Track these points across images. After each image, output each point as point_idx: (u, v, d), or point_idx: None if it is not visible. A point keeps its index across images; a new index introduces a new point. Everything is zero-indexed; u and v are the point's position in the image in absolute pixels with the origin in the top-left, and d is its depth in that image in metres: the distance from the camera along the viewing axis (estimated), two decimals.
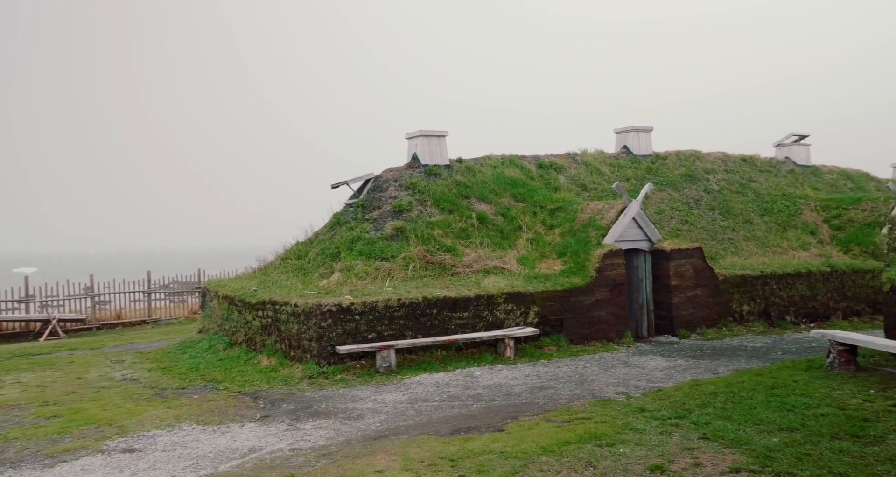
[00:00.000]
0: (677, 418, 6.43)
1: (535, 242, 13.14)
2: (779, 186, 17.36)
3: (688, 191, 16.16)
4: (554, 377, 9.01)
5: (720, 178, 17.07)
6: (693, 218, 15.29)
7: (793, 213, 16.38)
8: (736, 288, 13.18)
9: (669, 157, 17.15)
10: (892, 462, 4.79)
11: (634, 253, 12.92)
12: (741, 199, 16.53)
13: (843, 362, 7.97)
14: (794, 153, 19.09)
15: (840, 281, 14.03)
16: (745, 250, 14.76)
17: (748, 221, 15.80)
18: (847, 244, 15.25)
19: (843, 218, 15.97)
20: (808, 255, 14.70)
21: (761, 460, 5.07)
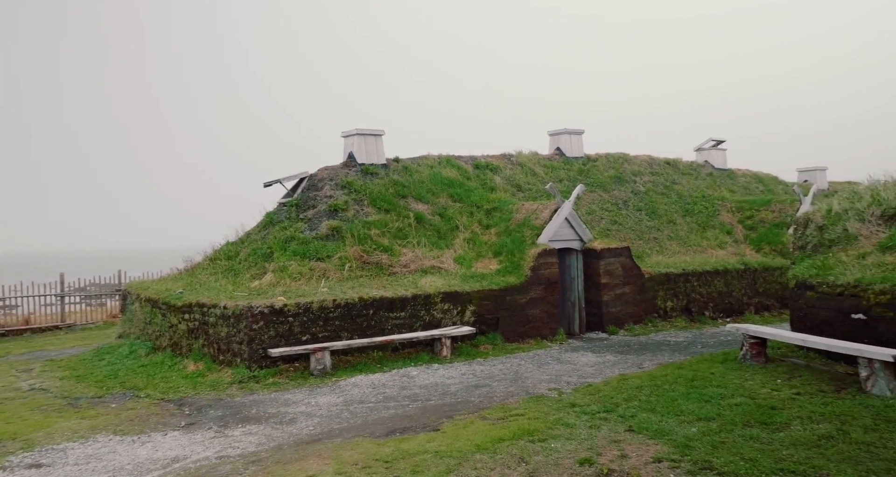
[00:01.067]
0: (606, 412, 6.66)
1: (472, 242, 13.27)
2: (699, 188, 18.35)
3: (617, 192, 16.80)
4: (489, 375, 9.12)
5: (646, 180, 17.85)
6: (621, 218, 15.90)
7: (711, 213, 17.36)
8: (661, 285, 13.81)
9: (600, 160, 17.78)
10: (795, 447, 5.16)
11: (567, 252, 13.29)
12: (665, 200, 17.35)
13: (754, 354, 8.50)
14: (712, 157, 20.24)
15: (753, 278, 14.98)
16: (668, 249, 15.50)
17: (672, 222, 16.60)
18: (759, 243, 16.32)
19: (756, 218, 17.09)
20: (725, 253, 15.61)
21: (681, 450, 5.32)
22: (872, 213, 8.77)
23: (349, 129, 14.42)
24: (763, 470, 4.75)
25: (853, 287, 7.72)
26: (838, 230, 9.12)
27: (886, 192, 8.89)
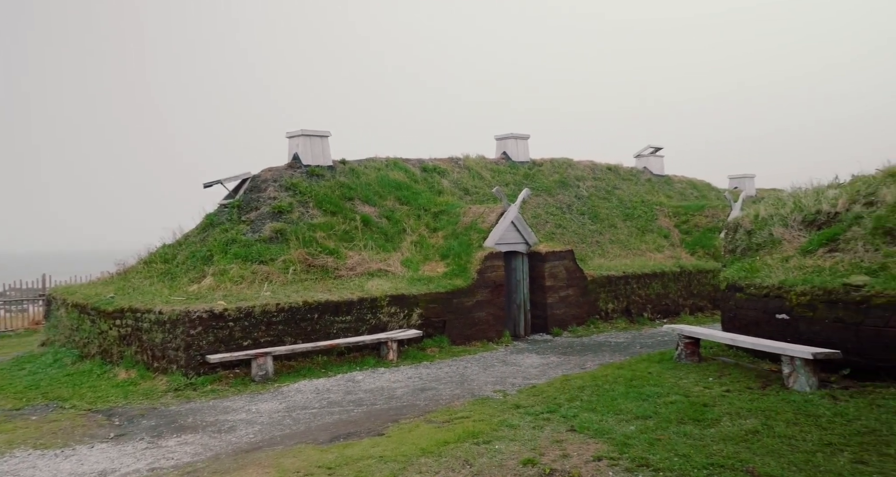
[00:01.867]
0: (549, 413, 6.78)
1: (419, 245, 13.27)
2: (638, 194, 19.03)
3: (561, 196, 17.19)
4: (436, 378, 9.13)
5: (589, 184, 18.36)
6: (566, 222, 16.28)
7: (650, 218, 18.03)
8: (602, 288, 14.22)
9: (545, 164, 18.15)
10: (724, 442, 5.41)
11: (513, 255, 13.49)
12: (607, 204, 17.89)
13: (688, 354, 8.87)
14: (650, 163, 21.04)
15: (688, 280, 15.65)
16: (610, 252, 15.98)
17: (613, 226, 17.13)
18: (693, 247, 17.07)
19: (691, 223, 17.88)
20: (662, 256, 16.24)
21: (620, 448, 5.48)
22: (794, 218, 9.33)
23: (294, 130, 14.15)
24: (695, 465, 4.95)
25: (777, 289, 8.17)
26: (765, 235, 9.64)
27: (807, 199, 9.47)
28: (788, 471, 4.66)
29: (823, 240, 8.42)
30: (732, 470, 4.78)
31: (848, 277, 7.32)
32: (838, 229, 8.33)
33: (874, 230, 7.76)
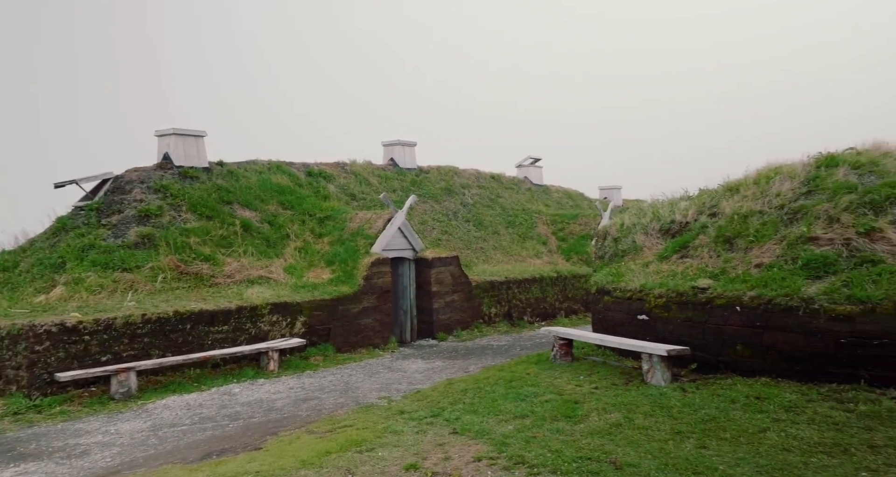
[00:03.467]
0: (432, 417, 6.88)
1: (304, 251, 12.90)
2: (520, 202, 19.95)
3: (447, 203, 17.57)
4: (319, 387, 8.91)
5: (474, 192, 18.94)
6: (451, 228, 16.66)
7: (530, 225, 18.97)
8: (486, 292, 14.71)
9: (432, 172, 18.46)
10: (592, 436, 5.82)
11: (400, 261, 13.55)
12: (491, 212, 18.56)
13: (563, 354, 9.43)
14: (530, 173, 22.17)
15: (564, 284, 16.65)
16: (493, 258, 16.58)
17: (496, 233, 17.81)
18: (569, 253, 18.21)
19: (566, 231, 19.06)
20: (541, 262, 17.14)
21: (499, 447, 5.69)
22: (653, 227, 10.28)
23: (164, 129, 13.17)
24: (566, 459, 5.26)
25: (639, 291, 8.94)
26: (629, 242, 10.51)
27: (663, 209, 10.48)
28: (645, 459, 5.11)
29: (676, 247, 9.35)
30: (598, 462, 5.14)
31: (695, 281, 8.19)
32: (688, 237, 9.29)
33: (716, 238, 8.76)
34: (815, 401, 6.17)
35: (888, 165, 8.02)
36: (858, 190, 7.77)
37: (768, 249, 7.95)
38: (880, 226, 7.25)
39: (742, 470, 4.73)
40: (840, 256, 7.22)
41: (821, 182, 8.24)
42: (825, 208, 7.80)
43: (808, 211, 7.96)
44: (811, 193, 8.23)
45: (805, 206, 8.07)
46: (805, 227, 7.78)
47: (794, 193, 8.41)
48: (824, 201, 7.92)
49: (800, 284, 7.11)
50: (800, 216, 8.02)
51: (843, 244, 7.34)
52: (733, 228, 8.66)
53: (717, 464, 4.88)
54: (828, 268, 7.16)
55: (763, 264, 7.79)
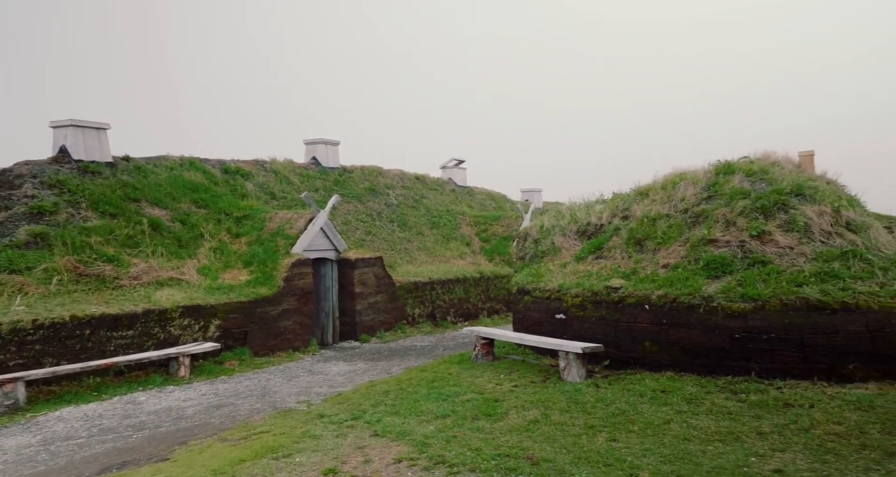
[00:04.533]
0: (353, 420, 6.78)
1: (220, 251, 12.35)
2: (444, 203, 20.11)
3: (371, 204, 17.41)
4: (234, 393, 8.55)
5: (398, 193, 18.89)
6: (375, 229, 16.52)
7: (454, 226, 19.16)
8: (410, 293, 14.69)
9: (355, 171, 18.23)
10: (511, 433, 5.95)
11: (322, 262, 13.26)
12: (415, 213, 18.58)
13: (484, 354, 9.59)
14: (455, 175, 22.40)
15: (486, 285, 16.93)
16: (417, 259, 16.60)
17: (420, 233, 17.84)
18: (491, 254, 18.55)
19: (489, 232, 19.42)
20: (464, 263, 17.35)
21: (420, 448, 5.70)
22: (571, 229, 10.66)
23: (61, 120, 12.18)
24: (485, 457, 5.34)
25: (557, 291, 9.25)
26: (548, 243, 10.85)
27: (580, 212, 10.90)
28: (560, 453, 5.28)
29: (592, 248, 9.75)
30: (516, 458, 5.26)
31: (609, 281, 8.58)
32: (603, 239, 9.72)
33: (628, 240, 9.22)
34: (712, 393, 6.62)
35: (776, 174, 8.76)
36: (751, 196, 8.44)
37: (674, 251, 8.46)
38: (769, 229, 7.91)
39: (648, 460, 5.00)
40: (736, 258, 7.80)
41: (719, 188, 8.87)
42: (723, 212, 8.41)
43: (709, 215, 8.55)
44: (711, 198, 8.84)
45: (706, 210, 8.66)
46: (706, 230, 8.34)
47: (696, 198, 9.00)
48: (722, 206, 8.54)
49: (701, 284, 7.61)
50: (701, 220, 8.60)
51: (738, 246, 7.94)
52: (643, 231, 9.14)
53: (625, 456, 5.12)
54: (725, 268, 7.71)
55: (669, 265, 8.28)
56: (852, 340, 6.61)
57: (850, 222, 7.94)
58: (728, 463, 4.83)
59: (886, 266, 7.20)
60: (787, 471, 4.63)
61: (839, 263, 7.30)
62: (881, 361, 6.53)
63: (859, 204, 8.68)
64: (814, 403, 6.04)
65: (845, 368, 6.60)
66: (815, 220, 7.86)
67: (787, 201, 8.18)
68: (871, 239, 7.73)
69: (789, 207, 8.12)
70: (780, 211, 8.12)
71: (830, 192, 8.38)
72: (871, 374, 6.53)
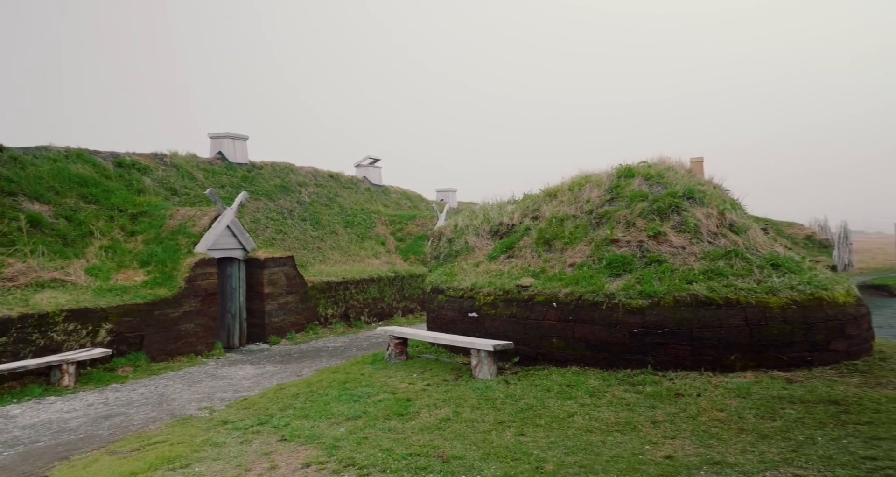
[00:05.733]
0: (259, 425, 6.51)
1: (112, 251, 11.46)
2: (359, 202, 19.85)
3: (282, 201, 16.84)
4: (126, 402, 7.95)
5: (311, 191, 18.41)
6: (287, 228, 16.00)
7: (369, 225, 18.96)
8: (322, 293, 14.36)
9: (265, 168, 17.57)
10: (422, 432, 5.95)
11: (228, 261, 12.66)
12: (329, 211, 18.19)
13: (398, 353, 9.54)
14: (370, 173, 22.19)
15: (401, 284, 16.90)
16: (331, 259, 16.27)
17: (334, 232, 17.50)
18: (406, 253, 18.54)
19: (404, 231, 19.39)
20: (379, 262, 17.21)
21: (329, 451, 5.56)
22: (484, 229, 10.86)
23: None
24: (396, 457, 5.30)
25: (470, 290, 9.38)
26: (462, 243, 10.98)
27: (493, 212, 11.13)
28: (470, 450, 5.35)
29: (504, 248, 9.98)
30: (427, 457, 5.26)
31: (519, 279, 8.82)
32: (514, 239, 9.97)
33: (538, 240, 9.52)
34: (613, 385, 6.97)
35: (670, 178, 9.39)
36: (649, 198, 8.98)
37: (580, 250, 8.83)
38: (664, 230, 8.46)
39: (553, 453, 5.17)
40: (635, 257, 8.27)
41: (621, 191, 9.37)
42: (624, 214, 8.89)
43: (611, 216, 9.01)
44: (614, 200, 9.31)
45: (609, 211, 9.12)
46: (609, 231, 8.78)
47: (600, 200, 9.45)
48: (623, 208, 9.02)
49: (604, 282, 8.00)
50: (605, 220, 9.04)
51: (637, 246, 8.42)
52: (552, 231, 9.47)
53: (532, 449, 5.27)
54: (626, 267, 8.15)
55: (575, 264, 8.63)
56: (734, 333, 7.20)
57: (732, 224, 8.66)
58: (625, 452, 5.10)
59: (762, 264, 7.91)
60: (676, 456, 4.96)
61: (723, 261, 7.93)
62: (757, 352, 7.17)
63: (740, 207, 9.49)
64: (701, 392, 6.51)
65: (728, 359, 7.17)
66: (703, 222, 8.50)
67: (680, 204, 8.78)
68: (749, 239, 8.47)
69: (682, 210, 8.72)
70: (674, 213, 8.70)
71: (716, 196, 9.10)
72: (748, 364, 7.14)
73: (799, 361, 7.18)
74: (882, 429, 5.28)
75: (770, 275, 7.72)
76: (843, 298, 7.64)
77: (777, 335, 7.20)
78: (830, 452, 4.84)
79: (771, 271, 7.80)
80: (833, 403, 6.01)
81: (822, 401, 6.07)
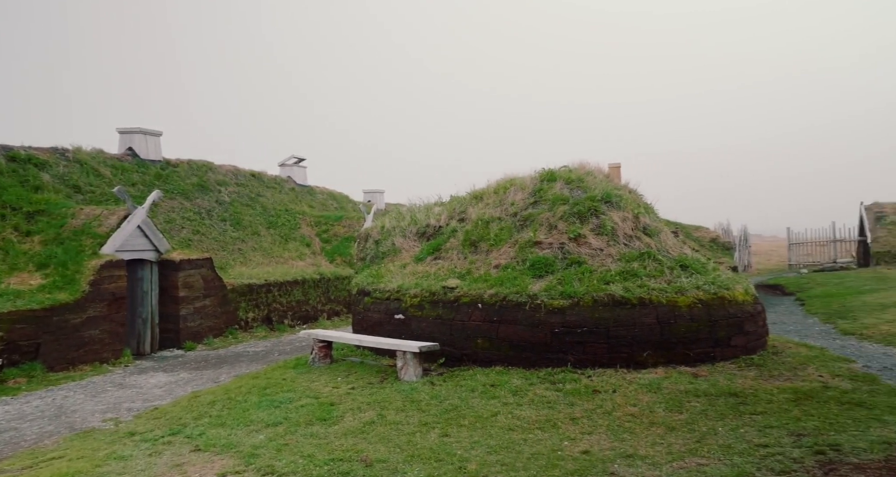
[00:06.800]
0: (171, 435, 6.17)
1: (4, 252, 10.52)
2: (282, 202, 19.29)
3: (200, 201, 16.08)
4: (18, 416, 7.30)
5: (231, 190, 17.70)
6: (205, 228, 15.29)
7: (293, 226, 18.47)
8: (243, 296, 13.83)
9: (181, 165, 16.71)
10: (346, 436, 5.85)
11: (140, 264, 11.94)
12: (251, 211, 17.56)
13: (322, 357, 9.34)
14: (294, 173, 21.63)
15: (327, 286, 16.57)
16: (252, 260, 15.70)
17: (256, 233, 16.90)
18: (333, 255, 18.21)
19: (331, 232, 19.05)
20: (304, 264, 16.80)
21: (247, 459, 5.35)
22: (411, 230, 10.85)
23: None
24: (318, 463, 5.18)
25: (396, 292, 9.33)
26: (389, 244, 10.92)
27: (420, 213, 11.14)
28: (394, 453, 5.31)
29: (431, 249, 10.01)
30: (350, 461, 5.18)
31: (445, 281, 8.87)
32: (441, 240, 10.03)
33: (464, 242, 9.63)
34: (535, 384, 7.15)
35: (590, 182, 9.78)
36: (570, 202, 9.31)
37: (504, 252, 9.01)
38: (584, 233, 8.79)
39: (476, 452, 5.23)
40: (557, 258, 8.54)
41: (544, 194, 9.65)
42: (547, 217, 9.16)
43: (535, 219, 9.26)
44: (537, 203, 9.58)
45: (532, 214, 9.37)
46: (532, 233, 9.02)
47: (524, 203, 9.69)
48: (546, 211, 9.30)
49: (527, 283, 8.20)
50: (528, 223, 9.28)
51: (559, 248, 8.70)
52: (478, 233, 9.60)
53: (456, 450, 5.30)
54: (548, 268, 8.40)
55: (500, 265, 8.79)
56: (646, 331, 7.59)
57: (646, 227, 9.13)
58: (545, 449, 5.24)
59: (672, 266, 8.39)
60: (592, 451, 5.15)
61: (637, 263, 8.34)
62: (667, 349, 7.59)
63: (653, 211, 10.03)
64: (616, 389, 6.81)
65: (641, 356, 7.55)
66: (619, 225, 8.90)
67: (598, 208, 9.15)
68: (661, 242, 8.96)
69: (600, 213, 9.10)
70: (593, 216, 9.06)
71: (632, 201, 9.57)
72: (659, 360, 7.55)
73: (704, 357, 7.66)
74: (773, 418, 5.73)
75: (679, 275, 8.19)
76: (742, 297, 8.24)
77: (685, 333, 7.65)
78: (730, 442, 5.19)
79: (680, 272, 8.28)
80: (733, 395, 6.46)
81: (723, 394, 6.51)
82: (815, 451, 4.89)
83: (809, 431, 5.34)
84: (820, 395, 6.40)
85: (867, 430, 5.33)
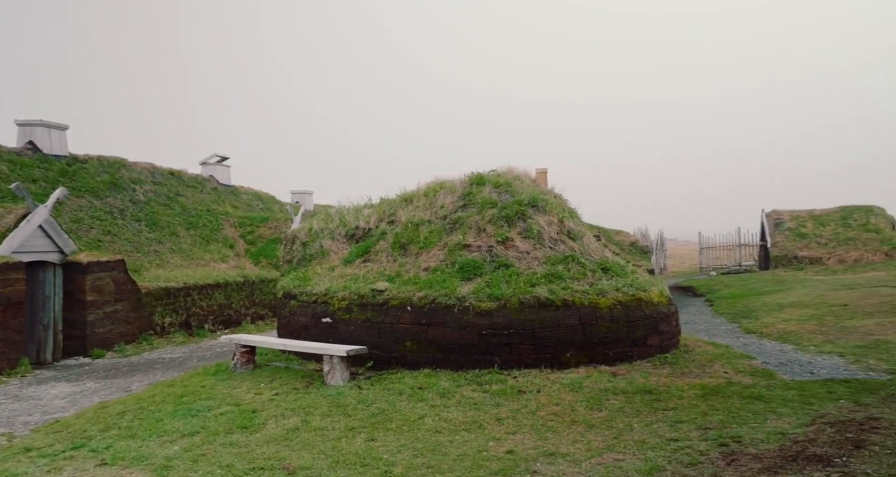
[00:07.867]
0: (73, 450, 5.74)
1: None
2: (204, 202, 18.46)
3: (112, 200, 15.11)
4: None
5: (148, 189, 16.75)
6: (117, 229, 14.38)
7: (215, 227, 17.71)
8: (159, 301, 13.10)
9: (90, 162, 15.64)
10: (268, 444, 5.65)
11: (41, 266, 11.05)
12: (168, 211, 16.68)
13: (244, 362, 8.99)
14: (217, 172, 20.77)
15: (251, 290, 16.00)
16: (170, 263, 14.92)
17: (175, 234, 16.07)
18: (258, 257, 17.61)
19: (256, 234, 18.42)
20: (227, 266, 16.14)
21: (159, 472, 5.07)
22: (340, 232, 10.67)
23: None
24: (237, 473, 4.98)
25: (324, 295, 9.13)
26: (317, 246, 10.69)
27: (349, 215, 10.98)
28: (318, 459, 5.19)
29: (360, 252, 9.88)
30: (272, 470, 5.01)
31: (374, 283, 8.78)
32: (371, 243, 9.92)
33: (394, 244, 9.57)
34: (463, 386, 7.21)
35: (517, 187, 10.00)
36: (498, 205, 9.47)
37: (434, 255, 9.03)
38: (512, 236, 8.97)
39: (402, 456, 5.20)
40: (485, 261, 8.66)
41: (473, 197, 9.77)
42: (476, 220, 9.27)
43: (464, 222, 9.35)
44: (466, 207, 9.68)
45: (462, 217, 9.45)
46: (461, 236, 9.10)
47: (454, 206, 9.76)
48: (475, 214, 9.41)
49: (456, 285, 8.26)
50: (458, 226, 9.36)
51: (487, 251, 8.83)
52: (408, 235, 9.58)
53: (382, 454, 5.25)
54: (476, 271, 8.50)
55: (430, 268, 8.81)
56: (570, 332, 7.84)
57: (570, 231, 9.44)
58: (471, 450, 5.28)
59: (594, 268, 8.72)
60: (516, 450, 5.25)
61: (562, 265, 8.60)
62: (589, 349, 7.87)
63: (577, 215, 10.39)
64: (540, 389, 6.98)
65: (564, 356, 7.78)
66: (545, 229, 9.15)
67: (525, 211, 9.37)
68: (584, 245, 9.29)
69: (527, 217, 9.31)
70: (521, 220, 9.26)
71: (557, 205, 9.86)
72: (581, 360, 7.81)
73: (622, 356, 8.00)
74: (683, 413, 6.07)
75: (600, 278, 8.52)
76: (658, 298, 8.68)
77: (605, 333, 7.96)
78: (644, 437, 5.44)
79: (601, 275, 8.61)
80: (648, 392, 6.78)
81: (640, 391, 6.82)
82: (720, 443, 5.21)
83: (715, 425, 5.68)
84: (725, 390, 6.84)
85: (765, 421, 5.74)
